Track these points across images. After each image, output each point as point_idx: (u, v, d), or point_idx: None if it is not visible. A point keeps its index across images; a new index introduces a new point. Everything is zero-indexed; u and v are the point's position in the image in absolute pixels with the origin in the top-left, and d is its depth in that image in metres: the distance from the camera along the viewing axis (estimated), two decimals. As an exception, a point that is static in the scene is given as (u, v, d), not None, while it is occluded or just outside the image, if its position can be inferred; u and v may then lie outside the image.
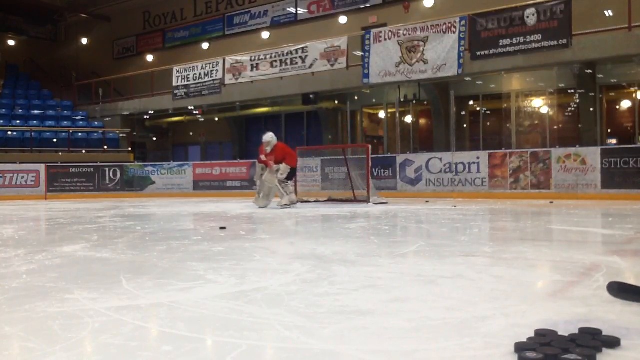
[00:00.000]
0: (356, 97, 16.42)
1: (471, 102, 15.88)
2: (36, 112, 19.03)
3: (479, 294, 2.43)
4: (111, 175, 15.59)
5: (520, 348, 1.59)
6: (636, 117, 13.51)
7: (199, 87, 16.93)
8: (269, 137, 9.30)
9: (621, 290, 1.81)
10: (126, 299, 2.39)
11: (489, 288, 2.54)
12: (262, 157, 9.29)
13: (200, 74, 16.92)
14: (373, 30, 13.75)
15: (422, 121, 17.05)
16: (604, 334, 1.73)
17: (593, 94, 13.32)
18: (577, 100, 13.86)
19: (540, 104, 14.95)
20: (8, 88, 20.38)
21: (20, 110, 18.78)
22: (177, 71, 17.49)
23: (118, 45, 24.00)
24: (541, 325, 1.84)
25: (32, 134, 17.09)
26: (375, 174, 12.13)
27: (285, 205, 8.97)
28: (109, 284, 2.74)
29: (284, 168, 9.08)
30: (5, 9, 23.28)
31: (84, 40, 24.64)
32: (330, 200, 10.68)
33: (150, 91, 18.75)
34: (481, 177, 11.34)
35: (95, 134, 18.29)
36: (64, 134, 17.60)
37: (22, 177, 14.89)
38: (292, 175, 9.35)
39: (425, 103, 15.72)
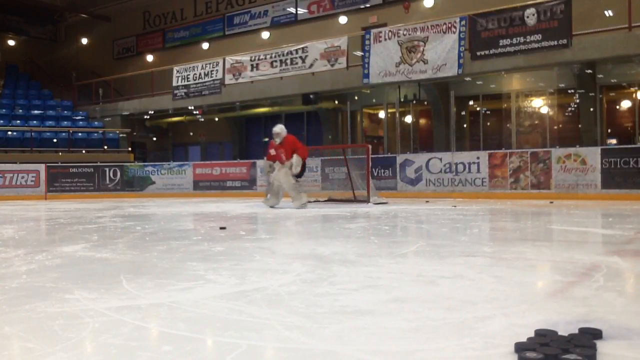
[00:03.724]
0: (356, 97, 16.42)
1: (471, 102, 15.88)
2: (36, 112, 19.04)
3: (479, 294, 2.43)
4: (111, 175, 15.59)
5: (520, 348, 1.59)
6: (636, 117, 13.51)
7: (199, 87, 16.94)
8: (279, 128, 8.92)
9: None
10: (126, 299, 2.39)
11: (489, 288, 2.54)
12: (272, 152, 8.92)
13: (200, 74, 16.93)
14: (373, 30, 13.75)
15: (422, 121, 17.06)
16: (604, 334, 1.73)
17: (593, 94, 13.32)
18: (577, 100, 13.86)
19: (540, 104, 14.95)
20: (8, 88, 20.38)
21: (20, 110, 18.78)
22: (177, 71, 17.50)
23: (118, 45, 24.00)
24: (541, 325, 1.84)
25: (32, 134, 17.09)
26: (375, 174, 12.12)
27: (303, 205, 8.65)
28: (109, 284, 2.74)
29: (297, 160, 8.60)
30: (5, 9, 23.29)
31: (84, 40, 24.64)
32: (330, 200, 10.68)
33: (150, 91, 18.76)
34: (481, 177, 11.34)
35: (95, 134, 18.29)
36: (64, 134, 17.60)
37: (22, 177, 14.89)
38: (302, 171, 8.88)
39: (425, 103, 15.72)
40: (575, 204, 9.13)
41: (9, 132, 17.22)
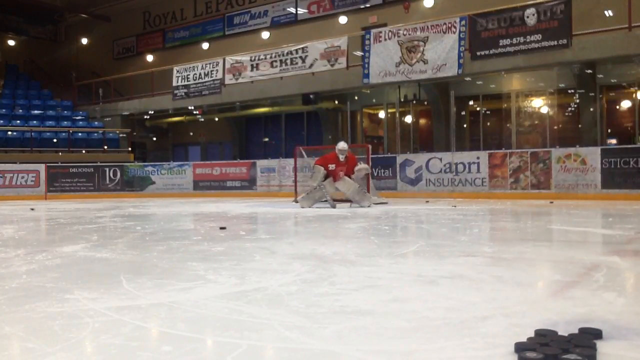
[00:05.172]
0: (356, 97, 16.41)
1: (471, 102, 15.88)
2: (36, 112, 19.03)
3: (479, 294, 2.43)
4: (111, 175, 15.59)
5: (520, 348, 1.59)
6: (636, 117, 13.50)
7: (199, 87, 16.93)
8: (346, 146, 9.07)
9: None
10: (126, 299, 2.39)
11: (489, 288, 2.54)
12: (332, 167, 8.98)
13: (200, 74, 16.92)
14: (373, 30, 13.75)
15: (422, 121, 17.05)
16: (604, 334, 1.73)
17: (593, 94, 13.31)
18: (577, 100, 13.86)
19: (540, 104, 14.95)
20: (8, 88, 20.37)
21: (20, 110, 18.77)
22: (177, 71, 17.49)
23: (118, 45, 24.00)
24: (541, 325, 1.84)
25: (32, 134, 17.09)
26: (375, 174, 12.12)
27: (370, 203, 9.03)
28: (109, 284, 2.74)
29: (366, 167, 9.33)
30: (5, 9, 23.28)
31: (84, 40, 24.64)
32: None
33: (150, 91, 18.75)
34: (481, 177, 11.34)
35: (95, 134, 18.29)
36: (64, 134, 17.60)
37: (22, 177, 14.89)
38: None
39: (425, 103, 15.72)
40: (575, 204, 9.13)
41: (9, 132, 17.21)
